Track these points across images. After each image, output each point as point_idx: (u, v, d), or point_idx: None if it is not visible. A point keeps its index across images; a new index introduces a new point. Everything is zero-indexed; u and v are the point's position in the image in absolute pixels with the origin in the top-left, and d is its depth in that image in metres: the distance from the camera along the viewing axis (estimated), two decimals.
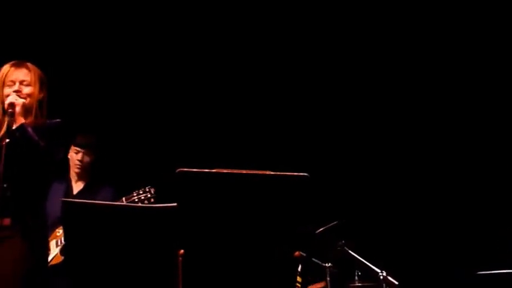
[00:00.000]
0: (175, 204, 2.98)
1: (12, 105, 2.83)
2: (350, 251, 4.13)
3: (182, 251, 3.06)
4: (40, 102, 3.05)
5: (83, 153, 4.13)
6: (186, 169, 2.80)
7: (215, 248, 3.04)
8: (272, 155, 4.83)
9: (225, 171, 2.85)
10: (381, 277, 3.95)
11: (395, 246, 4.92)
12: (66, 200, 3.10)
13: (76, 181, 4.23)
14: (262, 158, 4.61)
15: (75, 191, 4.19)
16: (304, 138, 5.13)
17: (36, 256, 2.84)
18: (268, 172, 2.84)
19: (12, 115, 2.82)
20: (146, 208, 3.06)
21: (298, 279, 3.79)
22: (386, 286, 3.96)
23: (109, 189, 4.14)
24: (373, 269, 4.01)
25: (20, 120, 2.83)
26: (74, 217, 2.78)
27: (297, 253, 2.98)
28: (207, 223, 2.96)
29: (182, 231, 2.96)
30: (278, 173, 2.82)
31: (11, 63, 3.11)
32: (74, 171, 4.20)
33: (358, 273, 4.30)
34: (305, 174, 2.80)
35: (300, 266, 3.72)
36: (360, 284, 4.31)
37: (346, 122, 5.21)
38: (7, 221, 2.82)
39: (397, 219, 5.01)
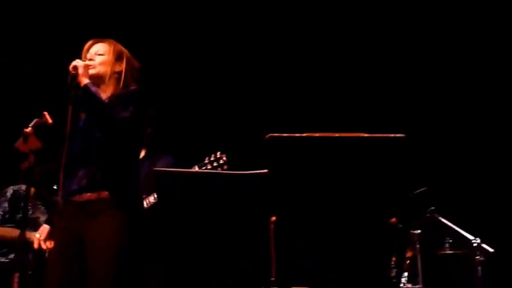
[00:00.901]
0: (266, 170, 2.93)
1: (75, 67, 2.85)
2: (440, 217, 3.95)
3: (274, 217, 3.02)
4: (118, 74, 3.03)
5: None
6: (276, 134, 2.73)
7: (307, 214, 2.98)
8: (365, 117, 4.71)
9: (317, 135, 2.76)
10: (475, 244, 3.74)
11: (490, 211, 4.71)
12: (159, 170, 3.10)
13: None
14: (354, 120, 4.50)
15: None
16: (397, 98, 4.98)
17: (133, 228, 2.84)
18: (362, 134, 2.72)
19: (75, 76, 2.83)
20: (237, 175, 3.01)
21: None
22: (480, 254, 3.75)
23: (168, 158, 4.13)
24: (466, 236, 3.82)
25: (84, 81, 2.84)
26: (167, 186, 2.80)
27: (393, 219, 2.85)
28: (299, 189, 2.90)
29: (274, 198, 2.92)
30: (373, 134, 2.70)
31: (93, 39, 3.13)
32: None
33: (449, 240, 4.09)
34: (402, 135, 2.66)
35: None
36: (451, 252, 4.10)
37: (438, 83, 5.02)
38: (104, 194, 2.84)
39: (493, 183, 4.79)
